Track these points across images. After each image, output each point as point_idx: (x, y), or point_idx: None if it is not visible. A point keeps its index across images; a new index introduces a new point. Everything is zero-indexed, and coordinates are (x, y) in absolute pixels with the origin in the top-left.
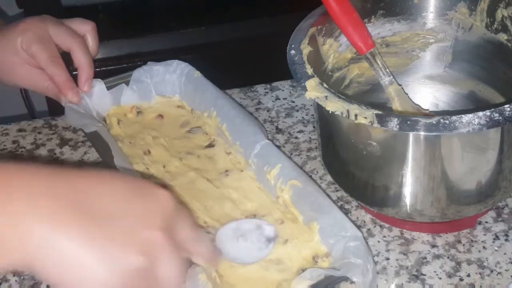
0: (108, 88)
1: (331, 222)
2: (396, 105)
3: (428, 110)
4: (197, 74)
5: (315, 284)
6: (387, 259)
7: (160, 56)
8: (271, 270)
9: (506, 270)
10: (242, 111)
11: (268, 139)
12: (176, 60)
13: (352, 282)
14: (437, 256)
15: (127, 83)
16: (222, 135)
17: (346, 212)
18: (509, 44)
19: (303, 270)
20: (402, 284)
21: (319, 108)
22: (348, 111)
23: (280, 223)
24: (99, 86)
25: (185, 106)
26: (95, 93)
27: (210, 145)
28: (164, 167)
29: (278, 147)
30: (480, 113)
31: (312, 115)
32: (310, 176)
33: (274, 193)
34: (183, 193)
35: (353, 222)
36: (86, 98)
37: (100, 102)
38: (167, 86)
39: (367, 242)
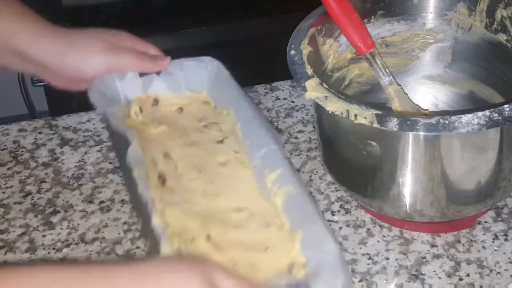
0: (140, 75)
1: (312, 233)
2: (396, 105)
3: (427, 110)
4: (225, 72)
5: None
6: (387, 258)
7: None
8: (242, 270)
9: (506, 270)
10: (260, 116)
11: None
12: (209, 57)
13: None
14: (437, 256)
15: (158, 73)
16: (235, 134)
17: (346, 212)
18: (508, 44)
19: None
20: (402, 283)
21: (319, 108)
22: (348, 111)
23: (267, 228)
24: (133, 72)
25: (210, 103)
26: (127, 77)
27: (221, 142)
28: (165, 155)
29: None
30: (480, 113)
31: (312, 115)
32: (310, 176)
33: (268, 197)
34: (179, 183)
35: (333, 235)
36: (116, 81)
37: (130, 87)
38: (197, 82)
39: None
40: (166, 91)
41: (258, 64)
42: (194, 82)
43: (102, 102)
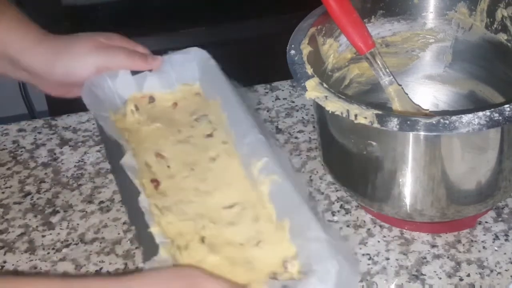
0: (132, 74)
1: (300, 222)
2: (396, 105)
3: (428, 110)
4: (212, 62)
5: None
6: (387, 259)
7: None
8: (239, 269)
9: (506, 270)
10: (246, 107)
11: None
12: (195, 48)
13: None
14: (437, 256)
15: (150, 71)
16: (223, 124)
17: (346, 212)
18: (509, 44)
19: (274, 274)
20: (402, 284)
21: (319, 108)
22: (348, 111)
23: (257, 221)
24: (124, 70)
25: (201, 94)
26: (120, 76)
27: (210, 135)
28: (157, 155)
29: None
30: (480, 113)
31: (312, 115)
32: (310, 176)
33: (255, 185)
34: (169, 180)
35: (322, 223)
36: (108, 81)
37: (123, 86)
38: (188, 74)
39: (344, 239)
40: (160, 88)
41: (258, 64)
42: (186, 75)
43: (95, 104)
